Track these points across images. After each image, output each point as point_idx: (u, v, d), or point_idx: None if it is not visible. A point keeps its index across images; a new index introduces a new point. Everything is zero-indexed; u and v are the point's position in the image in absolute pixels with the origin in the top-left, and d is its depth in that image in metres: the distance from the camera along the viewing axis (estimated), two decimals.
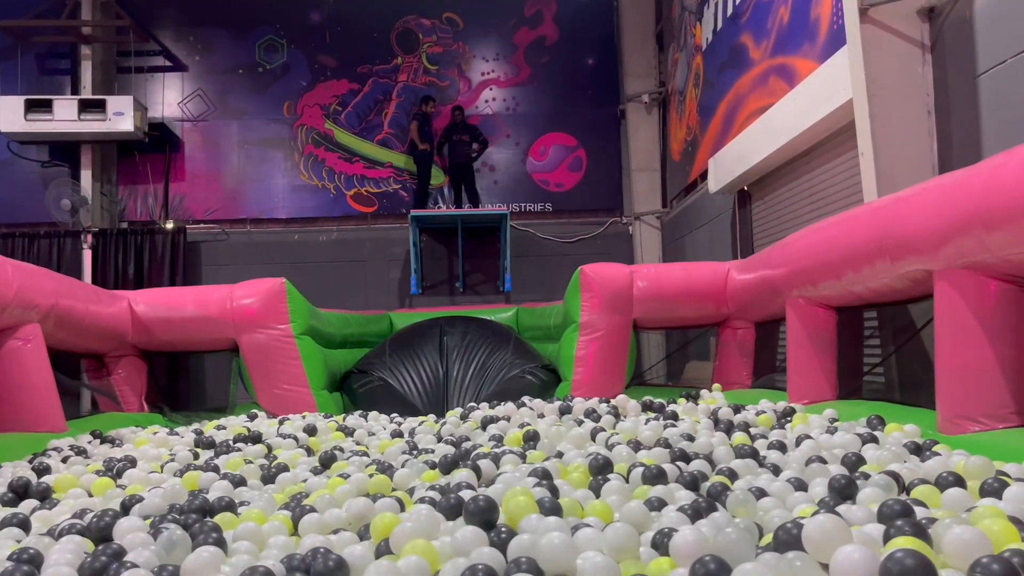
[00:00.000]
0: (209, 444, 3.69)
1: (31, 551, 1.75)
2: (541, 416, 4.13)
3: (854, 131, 4.44)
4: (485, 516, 1.85)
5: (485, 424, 3.88)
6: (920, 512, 1.78)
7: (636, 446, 3.01)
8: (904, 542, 1.44)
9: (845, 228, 3.83)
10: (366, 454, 3.30)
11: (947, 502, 1.94)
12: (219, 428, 4.30)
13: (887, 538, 1.53)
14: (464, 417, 4.24)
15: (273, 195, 10.47)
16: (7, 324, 4.18)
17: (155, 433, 4.07)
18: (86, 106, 9.37)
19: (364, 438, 3.88)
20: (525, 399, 4.69)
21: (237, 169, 10.49)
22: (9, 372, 4.17)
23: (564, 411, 4.13)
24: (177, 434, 4.13)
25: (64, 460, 3.34)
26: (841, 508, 1.84)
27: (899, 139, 4.21)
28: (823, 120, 5.12)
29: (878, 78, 4.23)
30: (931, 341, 3.53)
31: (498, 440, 3.39)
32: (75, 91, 9.97)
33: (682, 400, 4.59)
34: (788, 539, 1.51)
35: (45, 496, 2.64)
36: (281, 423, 4.33)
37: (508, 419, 4.02)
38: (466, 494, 2.09)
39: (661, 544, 1.69)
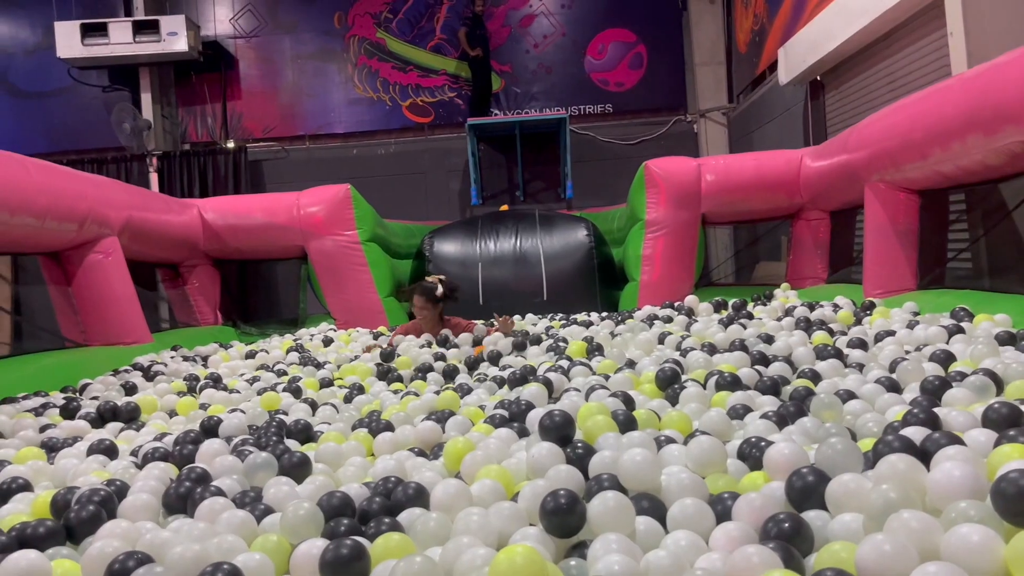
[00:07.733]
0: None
1: (118, 483, 1.78)
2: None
3: (943, 9, 4.10)
4: (561, 432, 1.78)
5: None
6: None
7: (711, 350, 2.92)
8: (1015, 451, 1.33)
9: (933, 103, 3.57)
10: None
11: None
12: (298, 348, 4.29)
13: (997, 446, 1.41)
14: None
15: (329, 110, 10.38)
16: (86, 238, 4.27)
17: (246, 357, 4.13)
18: (140, 27, 9.36)
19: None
20: (592, 317, 4.65)
21: (292, 85, 10.40)
22: (93, 286, 4.29)
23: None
24: (263, 350, 4.21)
25: (150, 378, 3.42)
26: (940, 412, 1.72)
27: (993, 16, 3.89)
28: None
29: None
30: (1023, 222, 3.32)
31: (560, 351, 3.31)
32: (128, 13, 9.92)
33: (752, 304, 4.47)
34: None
35: (132, 417, 2.71)
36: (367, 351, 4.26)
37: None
38: (537, 412, 2.03)
39: (750, 455, 1.62)
